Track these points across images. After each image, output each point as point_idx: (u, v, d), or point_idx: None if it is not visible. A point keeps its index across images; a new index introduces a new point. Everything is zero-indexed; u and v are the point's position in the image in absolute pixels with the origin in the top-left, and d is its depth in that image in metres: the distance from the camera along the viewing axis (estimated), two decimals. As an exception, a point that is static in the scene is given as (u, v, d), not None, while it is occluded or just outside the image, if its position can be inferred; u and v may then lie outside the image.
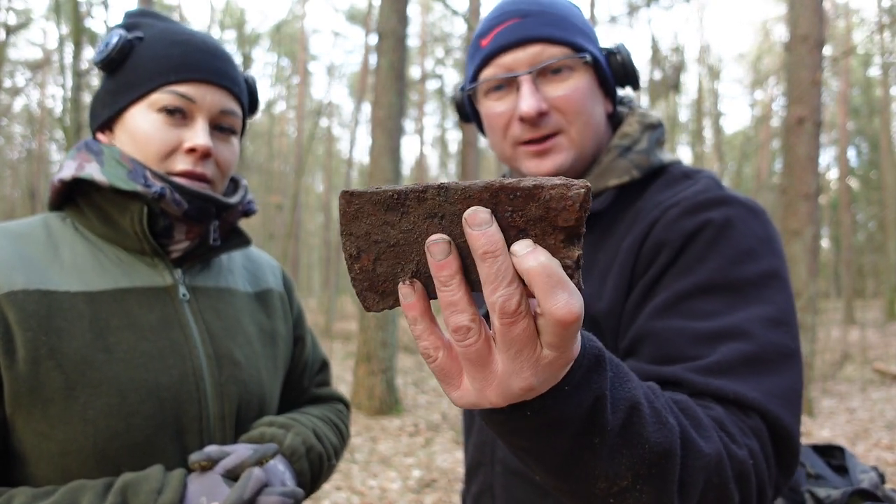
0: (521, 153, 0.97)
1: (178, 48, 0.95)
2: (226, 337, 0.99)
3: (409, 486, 4.61)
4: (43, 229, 0.93)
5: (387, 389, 7.01)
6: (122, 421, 0.84)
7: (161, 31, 0.98)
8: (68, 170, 0.94)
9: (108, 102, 0.97)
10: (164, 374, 0.89)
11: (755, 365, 0.74)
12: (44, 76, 23.79)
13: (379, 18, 7.27)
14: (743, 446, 0.69)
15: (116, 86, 0.96)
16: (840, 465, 1.04)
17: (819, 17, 5.98)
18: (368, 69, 17.34)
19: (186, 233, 0.97)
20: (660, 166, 0.99)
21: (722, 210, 0.86)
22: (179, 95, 0.93)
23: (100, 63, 0.96)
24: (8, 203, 26.26)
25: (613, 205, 0.97)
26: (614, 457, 0.56)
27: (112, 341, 0.86)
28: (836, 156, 22.83)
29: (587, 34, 0.98)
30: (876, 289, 29.34)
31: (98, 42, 0.97)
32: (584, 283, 0.90)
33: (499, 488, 0.99)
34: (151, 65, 0.94)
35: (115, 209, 0.94)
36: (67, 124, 8.25)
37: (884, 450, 5.41)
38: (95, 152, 0.95)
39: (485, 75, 0.97)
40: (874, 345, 12.68)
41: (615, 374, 0.57)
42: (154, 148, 0.93)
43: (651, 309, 0.81)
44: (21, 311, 0.81)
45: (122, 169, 0.92)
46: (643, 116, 1.02)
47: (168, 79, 0.93)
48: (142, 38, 0.97)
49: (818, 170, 5.89)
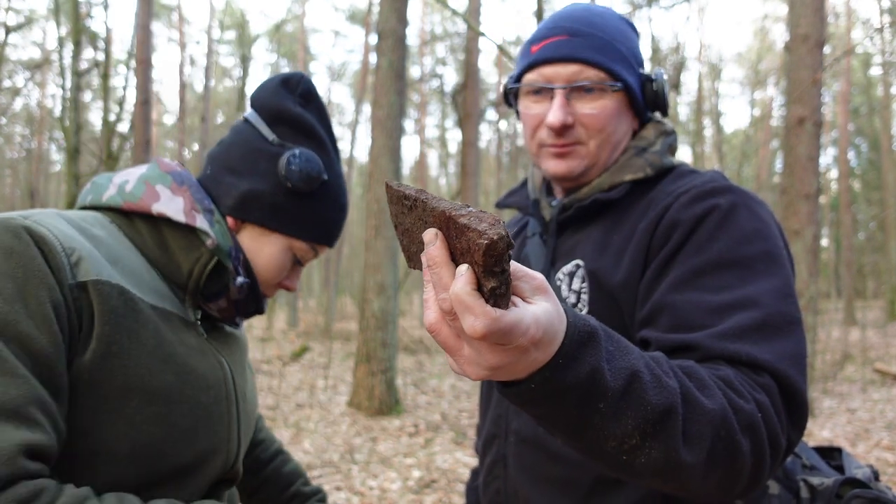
0: (544, 153, 1.10)
1: (338, 214, 1.06)
2: (238, 373, 1.04)
3: (408, 487, 4.60)
4: (101, 227, 0.91)
5: (387, 390, 7.00)
6: (163, 431, 0.85)
7: (334, 180, 1.05)
8: (174, 209, 0.94)
9: (268, 215, 1.00)
10: (203, 394, 0.91)
11: (765, 331, 0.82)
12: (44, 76, 23.80)
13: (379, 18, 7.26)
14: (750, 400, 0.75)
15: (285, 210, 1.00)
16: (838, 465, 1.07)
17: (820, 17, 5.97)
18: (368, 69, 17.35)
19: (223, 311, 1.01)
20: (670, 166, 1.10)
21: (728, 197, 0.95)
22: (314, 253, 1.06)
23: (293, 187, 0.98)
24: (8, 203, 26.28)
25: (628, 195, 1.07)
26: (620, 418, 0.65)
27: (169, 352, 0.87)
28: (835, 156, 22.84)
29: (627, 60, 1.08)
30: (876, 289, 29.35)
31: (296, 161, 0.98)
32: (601, 261, 1.02)
33: (511, 457, 1.08)
34: (317, 222, 1.03)
35: (181, 244, 0.94)
36: (67, 124, 8.25)
37: (884, 450, 5.40)
38: (207, 210, 0.96)
39: (527, 79, 1.09)
40: (875, 345, 12.67)
41: (615, 348, 0.67)
42: (269, 276, 1.03)
43: (668, 284, 0.90)
44: (105, 302, 0.80)
45: (227, 243, 0.97)
46: (659, 124, 1.14)
47: (321, 241, 1.05)
48: (326, 180, 1.03)
49: (818, 170, 5.89)
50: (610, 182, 1.07)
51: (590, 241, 1.06)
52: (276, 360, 10.99)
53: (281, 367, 10.26)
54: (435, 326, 0.57)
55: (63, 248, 0.78)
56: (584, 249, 1.05)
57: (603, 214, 1.07)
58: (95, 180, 1.00)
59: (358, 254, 27.99)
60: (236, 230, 1.01)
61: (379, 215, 6.92)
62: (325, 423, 6.57)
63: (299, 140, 1.02)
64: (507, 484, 1.09)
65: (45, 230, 0.78)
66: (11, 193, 27.63)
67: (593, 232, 1.07)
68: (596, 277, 1.01)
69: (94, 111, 23.83)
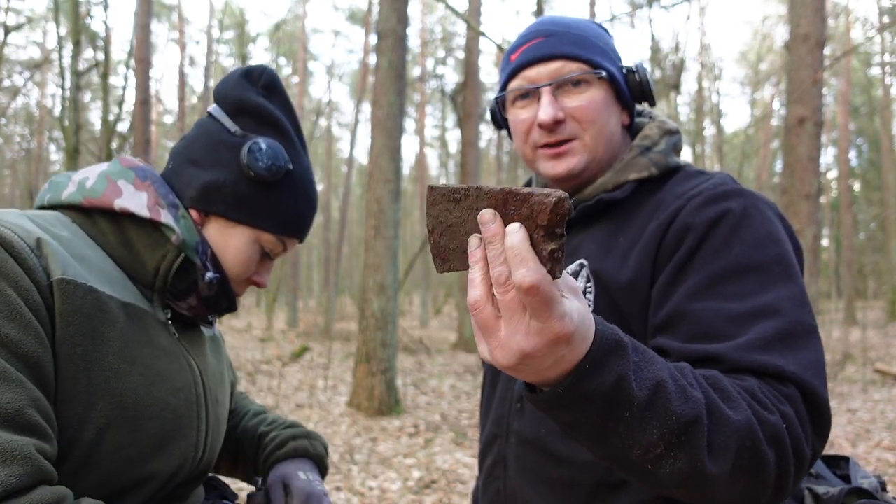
0: (540, 155, 1.10)
1: (306, 207, 1.04)
2: (209, 374, 1.02)
3: (408, 487, 4.60)
4: (63, 227, 0.88)
5: (386, 390, 6.99)
6: (130, 435, 0.82)
7: (301, 171, 1.03)
8: (137, 204, 0.91)
9: (231, 206, 0.97)
10: (172, 396, 0.89)
11: (788, 340, 0.82)
12: (43, 76, 23.80)
13: (379, 18, 7.26)
14: (775, 412, 0.76)
15: (248, 201, 0.98)
16: (845, 474, 1.06)
17: (820, 17, 5.95)
18: (368, 69, 17.34)
19: (193, 309, 0.99)
20: (675, 167, 1.10)
21: (740, 200, 0.95)
22: (283, 246, 1.04)
23: (255, 176, 0.96)
24: (7, 203, 26.28)
25: (633, 195, 1.07)
26: (645, 428, 0.66)
27: (135, 354, 0.85)
28: (836, 156, 22.82)
29: (607, 53, 1.10)
30: (877, 289, 29.34)
31: (258, 149, 0.95)
32: (606, 261, 1.01)
33: (511, 458, 1.08)
34: (283, 213, 1.01)
35: (145, 241, 0.92)
36: (66, 124, 8.24)
37: (885, 450, 5.40)
38: (172, 205, 0.94)
39: (512, 86, 1.10)
40: (875, 345, 12.67)
41: (640, 359, 0.68)
42: (237, 270, 1.00)
43: (686, 290, 0.90)
44: (68, 302, 0.77)
45: (194, 238, 0.94)
46: (663, 123, 1.13)
47: (288, 233, 1.02)
48: (291, 170, 1.00)
49: (819, 170, 5.88)
50: (614, 181, 1.07)
51: (594, 241, 1.05)
52: (275, 361, 10.98)
53: (280, 367, 10.25)
54: (479, 304, 0.59)
55: (31, 248, 0.76)
56: (589, 249, 1.05)
57: (607, 214, 1.07)
58: (54, 179, 0.96)
59: (358, 254, 27.98)
60: (201, 224, 0.98)
61: (379, 215, 6.91)
62: (324, 424, 6.56)
63: (263, 131, 1.00)
64: (506, 485, 1.08)
65: (8, 231, 0.75)
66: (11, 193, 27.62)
67: (597, 232, 1.06)
68: (600, 277, 1.00)
69: (94, 111, 23.85)
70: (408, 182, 31.74)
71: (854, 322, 17.22)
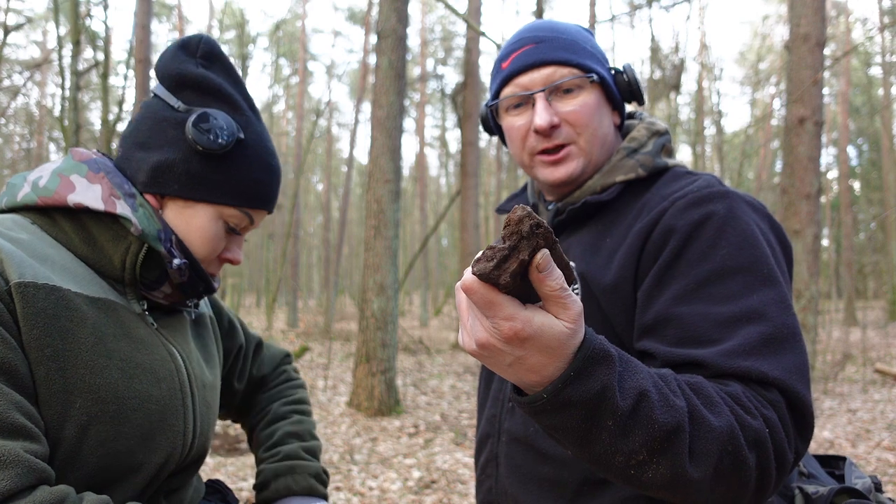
0: (537, 162, 1.10)
1: (267, 175, 1.00)
2: (193, 360, 1.01)
3: (408, 487, 4.59)
4: (21, 230, 0.86)
5: (387, 390, 6.99)
6: (113, 429, 0.82)
7: (254, 139, 0.99)
8: (91, 198, 0.89)
9: (186, 185, 0.94)
10: (154, 387, 0.89)
11: (773, 345, 0.83)
12: (43, 76, 23.80)
13: (379, 18, 7.25)
14: (758, 416, 0.77)
15: (202, 177, 0.95)
16: (841, 474, 1.06)
17: (821, 17, 5.95)
18: (368, 69, 17.34)
19: (169, 296, 0.98)
20: (664, 167, 1.09)
21: (725, 203, 0.95)
22: (249, 219, 1.01)
23: (204, 150, 0.93)
24: (8, 203, 26.18)
25: (620, 197, 1.08)
26: (627, 436, 0.68)
27: (111, 347, 0.84)
28: (836, 156, 22.81)
29: (596, 56, 1.11)
30: (877, 289, 29.34)
31: (203, 122, 0.92)
32: (592, 262, 1.02)
33: (503, 456, 1.09)
34: (244, 184, 0.98)
35: (106, 236, 0.91)
36: (66, 124, 8.24)
37: (885, 451, 5.39)
38: (127, 194, 0.92)
39: (505, 94, 1.11)
40: (875, 345, 12.66)
41: (624, 369, 0.69)
42: (205, 251, 0.98)
43: (672, 294, 0.90)
44: (30, 305, 0.77)
45: (154, 226, 0.92)
46: (651, 124, 1.14)
47: (250, 204, 0.99)
48: (243, 139, 0.97)
49: (819, 170, 5.87)
50: (601, 184, 1.08)
51: (581, 244, 1.06)
52: (275, 361, 10.96)
53: (281, 367, 10.23)
54: (459, 295, 0.64)
55: None
56: (576, 251, 1.06)
57: (595, 217, 1.08)
58: (10, 181, 0.95)
59: (358, 254, 27.97)
60: (160, 208, 0.96)
61: (379, 215, 6.91)
62: (324, 424, 6.56)
63: (207, 102, 0.97)
64: (498, 483, 1.10)
65: None
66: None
67: (585, 234, 1.07)
68: (586, 279, 1.01)
69: (94, 111, 23.83)
70: (407, 182, 31.74)
71: (854, 322, 17.22)
